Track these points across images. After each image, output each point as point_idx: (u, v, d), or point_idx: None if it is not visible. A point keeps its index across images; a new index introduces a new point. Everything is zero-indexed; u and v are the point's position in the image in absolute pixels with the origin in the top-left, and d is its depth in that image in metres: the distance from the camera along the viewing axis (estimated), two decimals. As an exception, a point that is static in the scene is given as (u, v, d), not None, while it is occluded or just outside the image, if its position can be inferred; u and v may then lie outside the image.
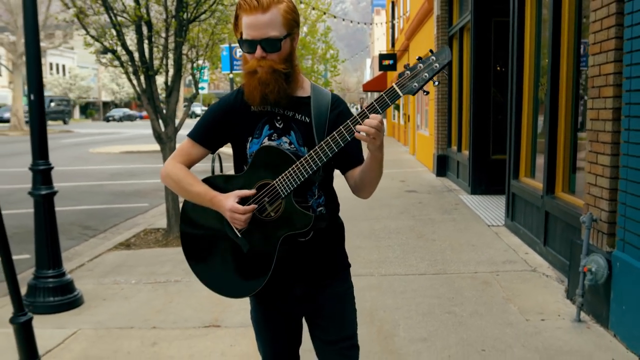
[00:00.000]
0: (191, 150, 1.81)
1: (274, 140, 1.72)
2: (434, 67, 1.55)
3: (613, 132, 3.25)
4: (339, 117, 1.72)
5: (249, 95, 1.69)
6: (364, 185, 1.74)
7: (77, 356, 3.30)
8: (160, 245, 6.05)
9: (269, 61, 1.64)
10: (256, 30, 1.62)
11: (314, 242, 1.74)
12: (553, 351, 3.11)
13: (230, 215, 1.66)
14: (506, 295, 4.03)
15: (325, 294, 1.81)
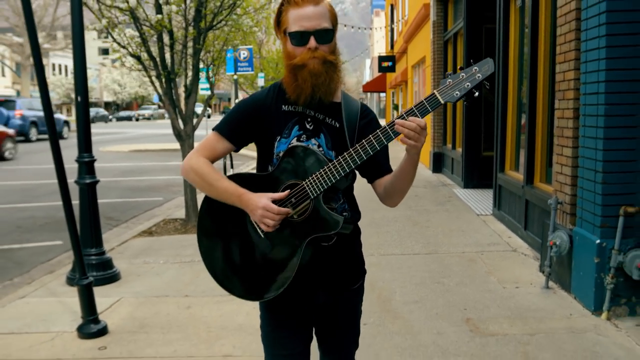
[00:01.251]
0: (216, 144, 1.77)
1: (302, 141, 1.71)
2: (477, 77, 1.54)
3: (574, 128, 3.89)
4: (368, 125, 1.75)
5: (296, 88, 1.68)
6: (395, 191, 1.73)
7: (125, 316, 3.93)
8: (180, 233, 6.68)
9: (321, 52, 1.65)
10: (309, 22, 1.63)
11: (337, 247, 1.72)
12: (523, 309, 3.75)
13: (262, 213, 1.62)
14: (488, 270, 4.67)
15: (343, 305, 1.83)
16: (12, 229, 7.10)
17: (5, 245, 6.30)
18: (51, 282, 4.88)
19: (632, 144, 3.46)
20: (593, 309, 3.61)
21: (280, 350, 1.82)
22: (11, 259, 5.79)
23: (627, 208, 3.45)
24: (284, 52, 1.73)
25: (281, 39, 1.73)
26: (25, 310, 4.15)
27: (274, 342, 1.83)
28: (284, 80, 1.74)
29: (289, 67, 1.68)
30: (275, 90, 1.77)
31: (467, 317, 3.64)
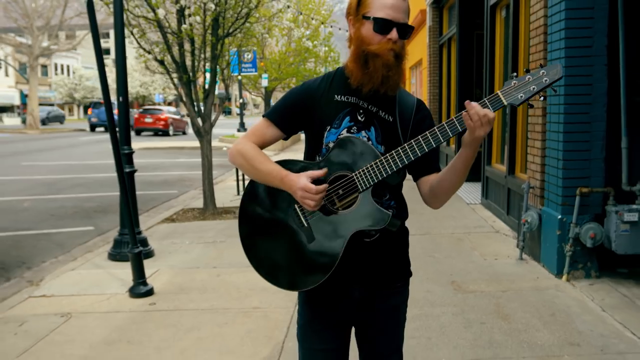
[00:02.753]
0: (266, 131, 1.76)
1: (353, 133, 1.68)
2: (543, 81, 1.49)
3: (542, 124, 4.64)
4: (423, 122, 1.73)
5: (364, 76, 1.63)
6: (442, 190, 1.67)
7: (165, 282, 4.67)
8: (199, 220, 7.42)
9: (398, 46, 1.64)
10: (397, 13, 1.62)
11: (379, 244, 1.70)
12: (498, 275, 4.51)
13: (302, 194, 1.59)
14: (472, 246, 5.43)
15: (382, 305, 1.76)
16: (47, 217, 7.83)
17: (44, 230, 7.04)
18: (94, 258, 5.62)
19: (587, 136, 4.22)
20: (556, 273, 4.37)
21: (315, 345, 1.79)
22: (52, 241, 6.52)
23: (582, 189, 4.21)
24: (355, 37, 1.66)
25: (355, 22, 1.68)
26: (79, 279, 4.89)
27: (309, 335, 1.80)
28: (347, 66, 1.69)
29: (360, 53, 1.63)
30: (330, 78, 1.75)
31: (452, 280, 4.39)
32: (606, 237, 4.16)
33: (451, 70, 10.87)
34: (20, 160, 15.15)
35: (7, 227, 7.13)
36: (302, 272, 1.68)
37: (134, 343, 3.48)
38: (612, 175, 4.24)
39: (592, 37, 4.14)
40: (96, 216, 7.93)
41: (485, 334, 3.36)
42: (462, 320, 3.60)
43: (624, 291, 4.02)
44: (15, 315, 4.05)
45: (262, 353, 3.20)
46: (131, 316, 3.94)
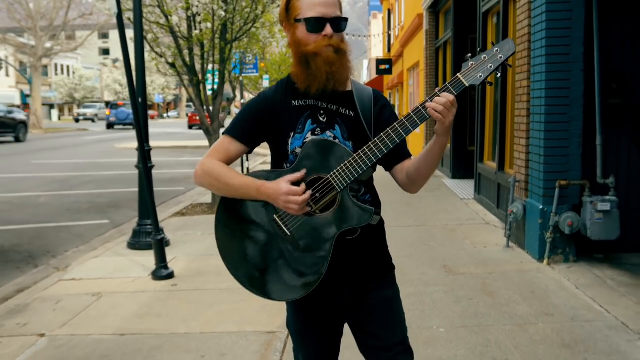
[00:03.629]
0: (229, 147, 1.73)
1: (317, 134, 1.67)
2: (498, 57, 1.52)
3: (527, 123, 5.11)
4: (383, 110, 1.74)
5: (308, 78, 1.63)
6: (420, 176, 1.70)
7: (183, 267, 5.12)
8: (208, 214, 7.87)
9: (335, 40, 1.63)
10: (327, 8, 1.62)
11: (361, 240, 1.70)
12: (486, 260, 4.98)
13: (285, 199, 1.58)
14: (464, 236, 5.89)
15: (373, 299, 1.75)
16: (63, 211, 8.28)
17: (63, 223, 7.49)
18: (114, 247, 6.07)
19: (565, 135, 4.68)
20: (538, 258, 4.84)
21: (309, 347, 1.82)
22: (72, 233, 6.97)
23: (561, 182, 4.67)
24: (292, 42, 1.68)
25: (289, 28, 1.69)
26: (103, 265, 5.34)
27: (303, 339, 1.82)
28: (292, 73, 1.70)
29: (300, 56, 1.64)
30: (284, 85, 1.74)
31: (444, 265, 4.86)
32: (582, 225, 4.63)
33: (447, 72, 11.34)
34: (30, 159, 15.59)
35: (28, 220, 7.57)
36: (293, 282, 1.66)
37: (162, 316, 3.93)
38: (588, 169, 4.71)
39: (570, 46, 4.60)
40: (109, 210, 8.38)
41: (472, 307, 3.82)
42: (452, 296, 4.06)
43: (598, 273, 4.48)
44: (50, 295, 4.50)
45: (277, 322, 3.66)
46: (156, 295, 4.40)
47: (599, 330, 3.38)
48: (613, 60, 4.78)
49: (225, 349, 3.30)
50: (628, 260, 4.78)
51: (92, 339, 3.56)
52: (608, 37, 4.70)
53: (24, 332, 3.74)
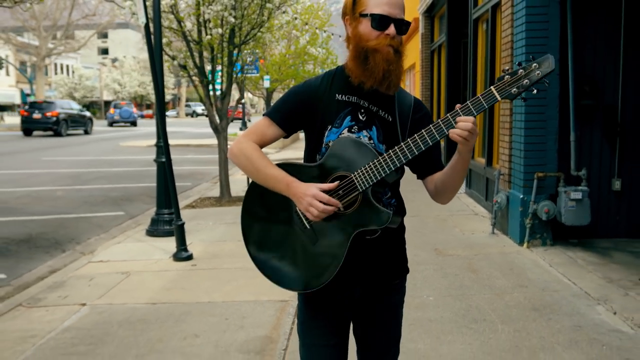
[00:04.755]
0: (267, 130, 1.77)
1: (354, 132, 1.69)
2: (536, 74, 1.50)
3: (510, 122, 5.68)
4: (421, 120, 1.74)
5: (365, 72, 1.64)
6: (446, 189, 1.72)
7: (200, 251, 5.66)
8: (216, 206, 8.42)
9: (397, 41, 1.65)
10: (394, 9, 1.64)
11: (380, 241, 1.71)
12: (473, 244, 5.54)
13: (309, 201, 1.60)
14: (454, 225, 6.46)
15: (382, 302, 1.79)
16: (80, 203, 8.82)
17: (82, 214, 8.03)
18: (133, 235, 6.61)
19: (543, 132, 5.25)
20: (519, 242, 5.41)
21: (315, 340, 1.82)
22: (91, 223, 7.51)
23: (539, 174, 5.25)
24: (353, 35, 1.69)
25: (352, 21, 1.70)
26: (126, 249, 5.89)
27: (310, 332, 1.83)
28: (347, 65, 1.71)
29: (359, 50, 1.66)
30: (331, 78, 1.76)
31: (435, 248, 5.42)
32: (558, 212, 5.20)
33: (441, 74, 11.90)
34: (40, 156, 16.11)
35: (49, 211, 8.11)
36: (307, 274, 1.69)
37: (186, 289, 4.49)
38: (563, 162, 5.28)
39: (546, 53, 5.14)
40: (123, 203, 8.92)
41: (458, 281, 4.39)
42: (441, 273, 4.62)
43: (571, 254, 5.06)
44: (83, 274, 5.05)
45: (289, 294, 4.21)
46: (179, 273, 4.95)
47: (565, 298, 3.95)
48: (585, 67, 5.35)
49: (246, 313, 3.86)
50: (598, 244, 5.35)
51: (128, 307, 4.12)
52: (581, 46, 5.27)
53: (66, 302, 4.29)
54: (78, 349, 3.41)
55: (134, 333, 3.62)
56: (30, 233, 6.82)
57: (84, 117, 27.74)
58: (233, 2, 7.50)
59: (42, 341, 3.55)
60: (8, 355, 3.36)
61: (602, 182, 5.47)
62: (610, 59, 5.37)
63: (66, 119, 25.82)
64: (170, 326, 3.71)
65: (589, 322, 3.51)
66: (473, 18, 8.13)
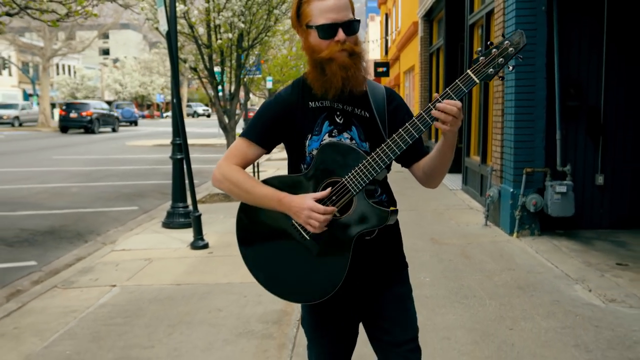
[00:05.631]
0: (247, 150, 1.74)
1: (334, 136, 1.69)
2: (509, 51, 1.49)
3: (501, 122, 6.14)
4: (397, 110, 1.73)
5: (324, 84, 1.64)
6: (435, 173, 1.71)
7: (215, 240, 6.12)
8: (225, 202, 8.86)
9: (349, 44, 1.62)
10: (337, 13, 1.60)
11: (378, 240, 1.71)
12: (467, 234, 6.01)
13: (308, 214, 1.58)
14: (450, 217, 6.93)
15: (386, 295, 1.78)
16: (95, 199, 9.27)
17: (98, 208, 8.48)
18: (150, 227, 7.07)
19: (531, 131, 5.72)
20: (509, 232, 5.87)
21: (326, 345, 1.83)
22: (108, 217, 7.96)
23: (528, 169, 5.71)
24: (306, 47, 1.68)
25: (302, 33, 1.69)
26: (145, 240, 6.34)
27: (319, 336, 1.84)
28: (308, 76, 1.70)
29: (314, 62, 1.65)
30: (300, 86, 1.74)
31: (432, 237, 5.88)
32: (545, 204, 5.66)
33: (439, 76, 12.37)
34: (50, 155, 16.57)
35: (67, 206, 8.57)
36: (315, 284, 1.68)
37: (206, 273, 4.95)
38: (549, 159, 5.75)
39: (534, 57, 5.63)
40: (136, 199, 9.37)
41: (452, 266, 4.85)
42: (437, 259, 5.08)
43: (556, 243, 5.52)
44: (109, 261, 5.50)
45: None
46: (197, 260, 5.41)
47: (547, 279, 4.41)
48: (571, 71, 5.82)
49: (262, 292, 4.23)
50: (582, 234, 5.81)
51: (155, 287, 4.57)
52: (567, 52, 5.74)
53: (98, 284, 4.75)
54: (116, 321, 3.86)
55: (164, 308, 4.08)
56: (53, 225, 7.27)
57: (112, 116, 31.23)
58: (242, 9, 7.96)
59: (82, 315, 4.00)
60: (55, 325, 3.81)
61: (586, 177, 5.93)
62: (594, 64, 5.83)
63: (98, 118, 29.10)
64: (195, 302, 4.17)
65: (566, 298, 3.97)
66: (469, 23, 8.59)
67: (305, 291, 1.72)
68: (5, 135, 26.39)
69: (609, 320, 3.55)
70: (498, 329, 3.47)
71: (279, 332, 3.57)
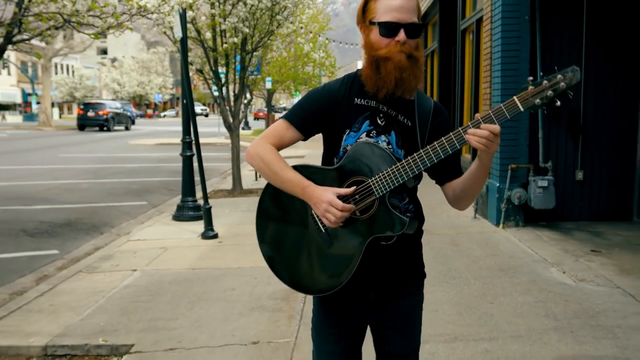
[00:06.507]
0: (285, 132, 1.76)
1: (372, 137, 1.69)
2: (560, 86, 1.48)
3: (489, 121, 6.62)
4: (441, 125, 1.73)
5: (378, 82, 1.64)
6: (465, 195, 1.73)
7: (223, 232, 6.58)
8: (230, 197, 9.33)
9: (408, 46, 1.62)
10: (402, 14, 1.61)
11: (396, 247, 1.69)
12: (457, 226, 6.49)
13: (326, 208, 1.60)
14: (442, 211, 7.41)
15: (397, 305, 1.77)
16: (105, 195, 9.72)
17: (109, 203, 8.94)
18: (161, 220, 7.53)
19: (516, 130, 6.21)
20: (495, 224, 6.36)
21: (329, 347, 1.83)
22: (119, 211, 8.42)
23: (512, 165, 6.20)
24: (365, 43, 1.69)
25: (364, 29, 1.70)
26: (158, 231, 6.80)
27: (324, 337, 1.84)
28: (362, 73, 1.71)
29: (371, 59, 1.66)
30: (350, 81, 1.75)
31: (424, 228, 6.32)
32: (528, 197, 6.15)
33: (434, 77, 12.86)
34: (56, 153, 17.02)
35: (80, 200, 9.03)
36: (321, 277, 1.71)
37: (218, 259, 5.42)
38: (532, 156, 6.24)
39: (518, 63, 6.12)
40: (144, 195, 9.83)
41: (442, 253, 5.34)
42: (428, 247, 5.56)
43: (538, 233, 6.01)
44: (126, 249, 5.96)
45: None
46: (209, 248, 5.88)
47: (527, 263, 4.91)
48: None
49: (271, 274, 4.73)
50: (564, 226, 6.30)
51: (173, 271, 5.04)
52: (549, 58, 6.23)
53: (119, 269, 5.21)
54: (141, 299, 4.33)
55: (183, 288, 4.55)
56: (69, 218, 7.73)
57: (126, 115, 33.42)
58: (247, 15, 8.42)
59: (109, 294, 4.47)
60: (86, 303, 4.28)
61: (567, 173, 6.43)
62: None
63: (113, 117, 31.14)
64: (211, 283, 4.64)
65: (542, 278, 4.46)
66: (461, 29, 9.08)
67: (309, 283, 1.74)
68: (8, 134, 26.83)
69: (577, 296, 4.04)
70: (480, 303, 3.96)
71: (288, 307, 4.04)
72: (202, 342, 3.50)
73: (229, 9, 8.20)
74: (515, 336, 3.39)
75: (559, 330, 3.46)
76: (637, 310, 3.75)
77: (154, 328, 3.75)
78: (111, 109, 31.41)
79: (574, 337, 3.37)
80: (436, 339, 3.39)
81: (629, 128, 6.39)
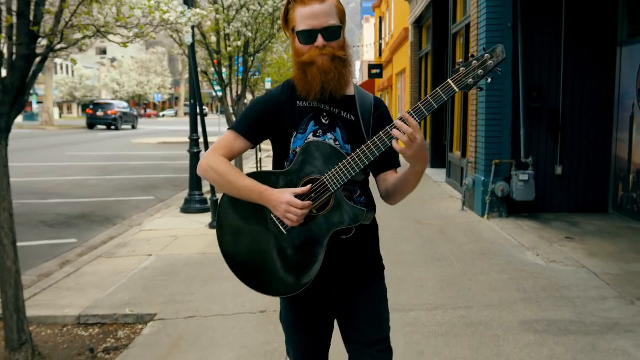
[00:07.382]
0: (234, 143, 1.79)
1: (319, 136, 1.74)
2: (489, 64, 1.57)
3: (476, 120, 7.14)
4: (381, 118, 1.79)
5: (306, 86, 1.70)
6: (395, 193, 1.79)
7: (228, 222, 7.10)
8: (233, 192, 9.85)
9: (329, 49, 1.67)
10: (316, 20, 1.66)
11: (355, 240, 1.75)
12: (445, 217, 7.02)
13: (286, 208, 1.64)
14: (433, 204, 7.94)
15: (361, 295, 1.82)
16: (114, 190, 10.22)
17: (119, 198, 9.44)
18: (169, 212, 8.04)
19: (499, 128, 6.73)
20: (481, 215, 6.89)
21: (300, 340, 1.90)
22: (129, 205, 8.92)
23: (496, 161, 6.72)
24: (293, 50, 1.76)
25: (290, 36, 1.76)
26: (168, 222, 7.31)
27: (293, 330, 1.90)
28: (294, 77, 1.76)
29: (298, 65, 1.71)
30: (290, 86, 1.80)
31: (415, 219, 6.89)
32: (511, 190, 6.67)
33: (428, 79, 13.37)
34: (62, 151, 17.51)
35: (91, 195, 9.53)
36: (289, 279, 1.73)
37: (225, 246, 5.92)
38: (515, 152, 6.77)
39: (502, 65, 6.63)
40: (151, 190, 10.33)
41: (430, 239, 5.86)
42: (418, 235, 6.09)
43: (520, 223, 6.53)
44: (140, 238, 6.47)
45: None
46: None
47: (506, 248, 5.43)
48: (534, 77, 6.83)
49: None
50: (543, 217, 6.83)
51: (185, 256, 5.55)
52: (530, 62, 6.75)
53: (136, 254, 5.72)
54: (159, 278, 4.84)
55: (196, 269, 5.06)
56: (83, 211, 8.23)
57: (133, 115, 34.99)
58: (250, 19, 8.93)
59: (130, 274, 4.98)
60: (110, 282, 4.79)
61: (547, 168, 6.95)
62: (554, 71, 6.85)
63: (122, 117, 32.56)
64: (221, 265, 5.08)
65: (518, 260, 4.99)
66: (452, 33, 9.60)
67: (278, 285, 1.76)
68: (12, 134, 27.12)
69: (547, 274, 4.56)
70: (460, 280, 4.48)
71: (290, 284, 4.56)
72: (217, 312, 4.01)
73: (233, 15, 8.70)
74: (488, 305, 3.92)
75: (527, 301, 3.98)
76: (596, 285, 4.28)
77: (173, 301, 4.26)
78: (119, 108, 32.88)
79: (539, 305, 3.89)
80: (420, 308, 3.90)
81: (605, 125, 6.92)
